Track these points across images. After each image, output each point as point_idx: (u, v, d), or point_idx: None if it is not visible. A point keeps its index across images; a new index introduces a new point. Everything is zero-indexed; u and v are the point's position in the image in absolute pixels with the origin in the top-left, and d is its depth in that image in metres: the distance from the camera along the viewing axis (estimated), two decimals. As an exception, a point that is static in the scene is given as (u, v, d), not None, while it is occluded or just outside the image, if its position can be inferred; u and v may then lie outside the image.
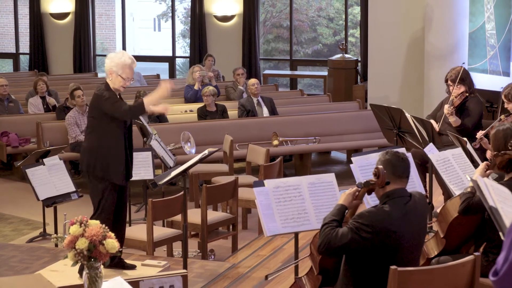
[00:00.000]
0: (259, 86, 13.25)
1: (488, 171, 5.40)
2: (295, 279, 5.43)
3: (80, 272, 6.02)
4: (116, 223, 6.87)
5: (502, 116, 8.01)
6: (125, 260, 7.04)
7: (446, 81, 8.71)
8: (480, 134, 8.05)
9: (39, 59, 20.41)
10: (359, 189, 4.88)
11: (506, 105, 8.01)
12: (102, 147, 6.85)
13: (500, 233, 3.58)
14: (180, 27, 24.95)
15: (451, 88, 8.59)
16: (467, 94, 8.57)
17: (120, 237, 6.81)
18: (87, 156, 6.94)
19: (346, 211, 4.91)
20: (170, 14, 21.87)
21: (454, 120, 8.41)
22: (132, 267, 6.89)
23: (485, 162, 5.47)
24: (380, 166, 4.77)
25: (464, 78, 8.58)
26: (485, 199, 3.67)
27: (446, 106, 8.45)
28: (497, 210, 3.55)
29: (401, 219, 4.69)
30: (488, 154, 7.06)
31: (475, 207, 5.30)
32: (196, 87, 14.21)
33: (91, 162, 6.89)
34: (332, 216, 4.85)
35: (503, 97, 7.93)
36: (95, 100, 6.91)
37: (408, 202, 4.76)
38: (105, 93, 6.82)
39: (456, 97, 8.52)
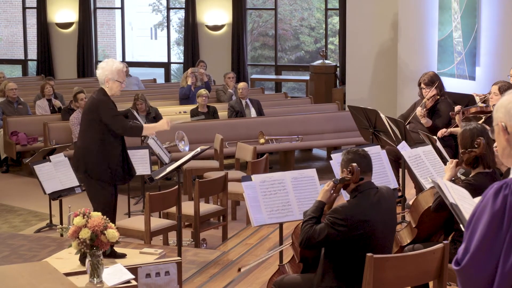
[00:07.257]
0: (247, 89, 13.23)
1: (456, 168, 5.39)
2: (279, 266, 5.42)
3: (81, 260, 5.96)
4: None
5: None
6: (124, 249, 7.00)
7: (419, 84, 8.69)
8: (442, 133, 8.09)
9: (45, 65, 20.29)
10: (336, 184, 4.87)
11: (491, 96, 7.89)
12: (96, 148, 6.76)
13: (461, 225, 3.66)
14: (174, 35, 24.88)
15: (424, 91, 8.58)
16: (438, 97, 8.57)
17: None
18: (82, 155, 6.88)
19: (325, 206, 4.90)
20: (166, 24, 21.77)
21: (425, 121, 8.41)
22: (123, 255, 6.81)
23: (455, 160, 5.45)
24: (354, 164, 4.76)
25: (436, 81, 8.58)
26: (446, 197, 3.78)
27: (419, 109, 8.45)
28: (457, 206, 3.65)
29: (371, 208, 4.69)
30: None
31: (446, 204, 5.28)
32: (189, 82, 14.16)
33: (87, 161, 6.82)
34: (312, 213, 4.84)
35: (496, 89, 7.80)
36: (94, 104, 6.79)
37: (376, 193, 4.77)
38: (106, 101, 6.73)
39: (428, 100, 8.52)
